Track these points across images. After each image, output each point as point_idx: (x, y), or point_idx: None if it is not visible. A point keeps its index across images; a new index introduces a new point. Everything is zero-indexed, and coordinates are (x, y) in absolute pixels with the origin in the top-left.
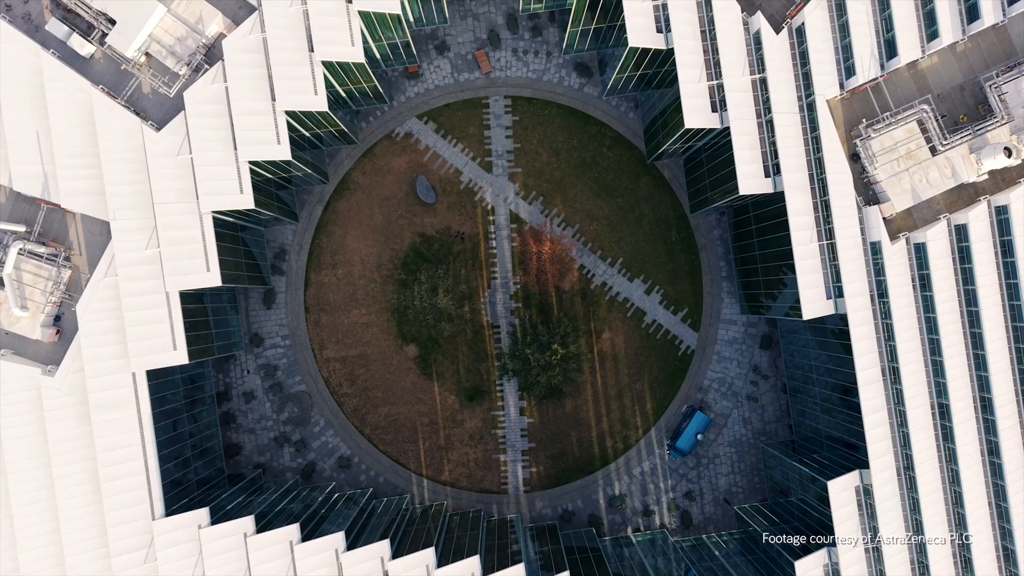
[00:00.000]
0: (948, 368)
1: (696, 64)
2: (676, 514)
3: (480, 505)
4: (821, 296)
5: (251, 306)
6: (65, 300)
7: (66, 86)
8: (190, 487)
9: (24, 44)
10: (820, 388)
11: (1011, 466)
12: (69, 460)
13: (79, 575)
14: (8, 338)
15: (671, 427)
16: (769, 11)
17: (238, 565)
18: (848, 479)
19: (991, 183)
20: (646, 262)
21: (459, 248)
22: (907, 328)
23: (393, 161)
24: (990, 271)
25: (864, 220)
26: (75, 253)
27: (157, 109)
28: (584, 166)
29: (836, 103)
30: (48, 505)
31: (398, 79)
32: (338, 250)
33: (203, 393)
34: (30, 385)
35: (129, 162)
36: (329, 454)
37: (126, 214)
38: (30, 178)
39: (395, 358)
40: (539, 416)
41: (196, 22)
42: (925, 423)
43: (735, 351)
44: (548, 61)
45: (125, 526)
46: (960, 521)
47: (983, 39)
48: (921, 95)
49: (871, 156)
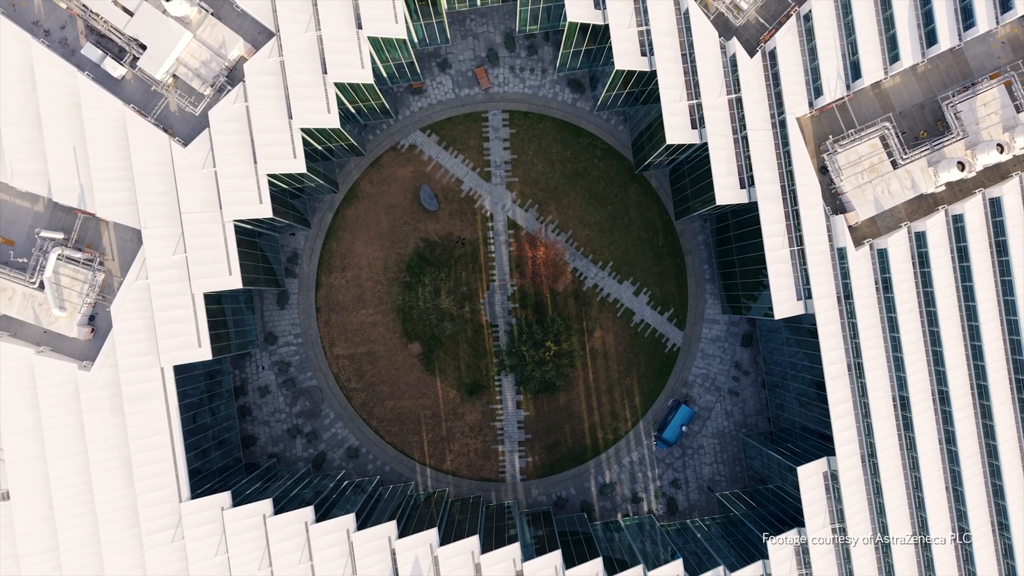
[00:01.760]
0: (908, 363)
1: (677, 85)
2: (663, 501)
3: (479, 492)
4: (792, 297)
5: (266, 307)
6: (99, 301)
7: (101, 105)
8: (210, 475)
9: (62, 67)
10: (796, 383)
11: (965, 453)
12: (104, 448)
13: (113, 553)
14: (47, 336)
15: (658, 419)
16: (744, 36)
17: (257, 544)
18: (816, 465)
19: (949, 193)
20: (635, 265)
21: (460, 252)
22: (870, 327)
23: (398, 171)
24: (947, 275)
25: (831, 228)
26: (108, 258)
27: (183, 126)
28: (577, 176)
29: (806, 120)
30: (84, 488)
31: (403, 95)
32: (347, 254)
33: (221, 388)
34: (68, 379)
35: (158, 175)
36: (338, 445)
37: (156, 222)
38: (68, 190)
39: (400, 355)
40: (535, 409)
41: (219, 47)
42: (887, 414)
43: (718, 349)
44: (543, 78)
45: (155, 507)
46: (919, 504)
47: (941, 61)
48: (884, 113)
49: (838, 169)
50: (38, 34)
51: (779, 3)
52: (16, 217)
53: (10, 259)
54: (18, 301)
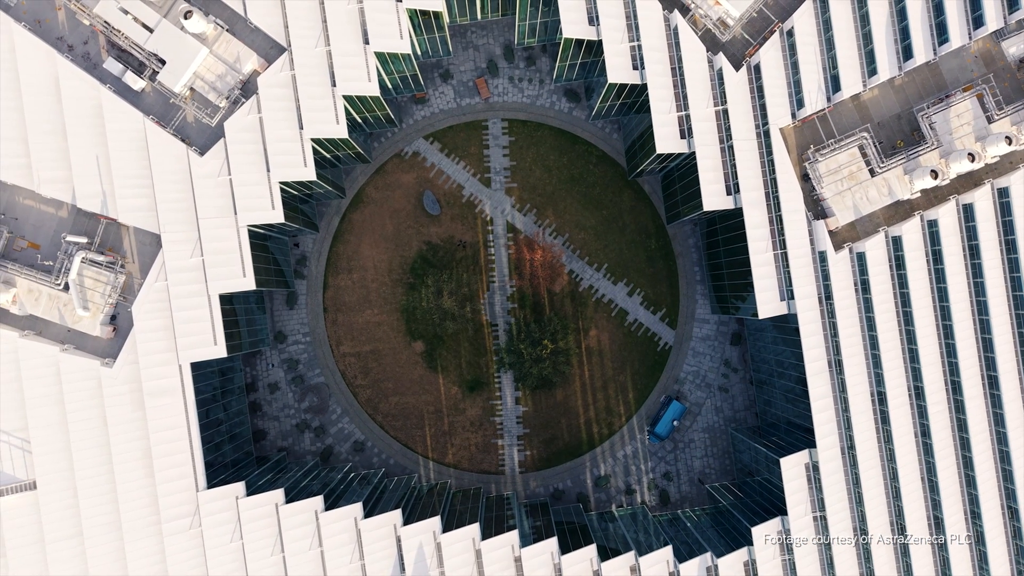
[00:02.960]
0: (885, 361)
1: (667, 97)
2: (655, 492)
3: (480, 484)
4: (775, 298)
5: (276, 307)
6: (120, 302)
7: (122, 117)
8: (223, 467)
9: (85, 80)
10: (782, 380)
11: (940, 445)
12: (125, 440)
13: (134, 539)
14: (71, 335)
15: (651, 415)
16: (730, 51)
17: (270, 531)
18: (798, 457)
19: (924, 200)
20: (628, 267)
21: (461, 255)
22: (849, 326)
23: (402, 177)
24: (922, 277)
25: (813, 232)
26: (128, 261)
27: (200, 136)
28: (573, 182)
29: (788, 131)
30: (107, 478)
31: (407, 104)
32: (353, 257)
33: (233, 385)
34: (91, 375)
35: (176, 182)
36: (345, 439)
37: (174, 227)
38: (91, 196)
39: (404, 353)
40: (533, 405)
41: (234, 61)
42: (865, 408)
43: (708, 347)
44: (541, 88)
45: (174, 496)
46: (896, 494)
47: (918, 74)
48: (863, 123)
49: (819, 177)
50: (62, 49)
51: (763, 20)
52: (42, 222)
53: (36, 262)
54: (44, 302)
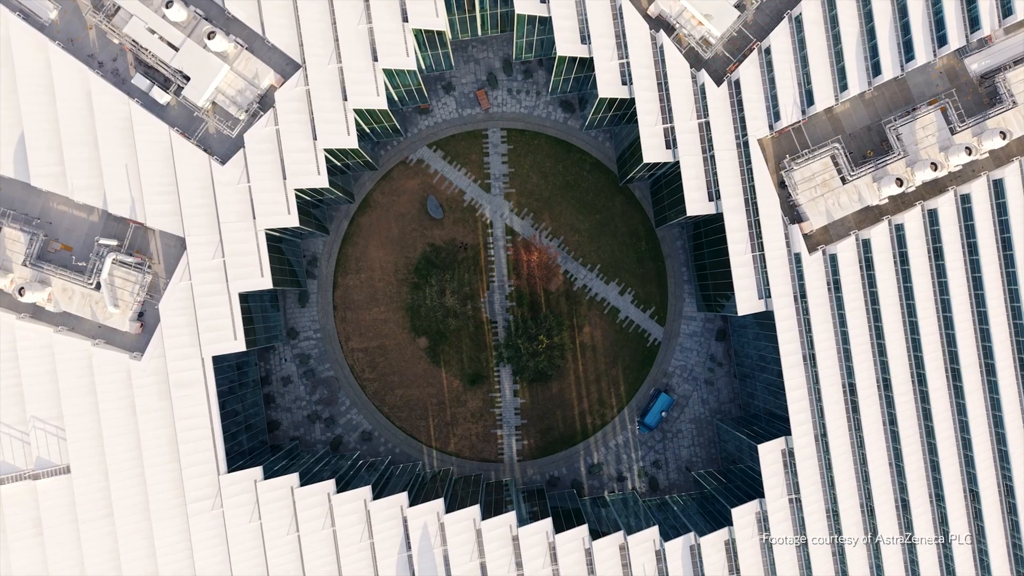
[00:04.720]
0: (855, 355)
1: (653, 111)
2: (645, 479)
3: (480, 471)
4: (754, 297)
5: (288, 305)
6: (147, 300)
7: (149, 129)
8: (239, 455)
9: (115, 95)
10: (764, 374)
11: (906, 433)
12: (152, 428)
13: (161, 519)
14: (102, 330)
15: (641, 406)
16: (712, 68)
17: (286, 512)
18: (775, 443)
19: (892, 205)
20: (620, 268)
21: (463, 256)
22: (823, 323)
23: (407, 183)
24: (890, 277)
25: (788, 236)
26: (155, 262)
27: (221, 146)
28: (568, 187)
29: (766, 141)
30: (135, 463)
31: (412, 115)
32: (361, 258)
33: (248, 378)
34: (121, 368)
35: (200, 189)
36: (354, 429)
37: (197, 231)
38: (121, 202)
39: (409, 348)
40: (530, 397)
41: (253, 77)
42: (837, 398)
43: (695, 343)
44: (538, 99)
45: (197, 480)
46: (865, 478)
47: (887, 89)
48: (835, 135)
49: (794, 184)
50: (93, 66)
51: (743, 39)
52: (74, 226)
53: (70, 263)
54: (77, 300)
